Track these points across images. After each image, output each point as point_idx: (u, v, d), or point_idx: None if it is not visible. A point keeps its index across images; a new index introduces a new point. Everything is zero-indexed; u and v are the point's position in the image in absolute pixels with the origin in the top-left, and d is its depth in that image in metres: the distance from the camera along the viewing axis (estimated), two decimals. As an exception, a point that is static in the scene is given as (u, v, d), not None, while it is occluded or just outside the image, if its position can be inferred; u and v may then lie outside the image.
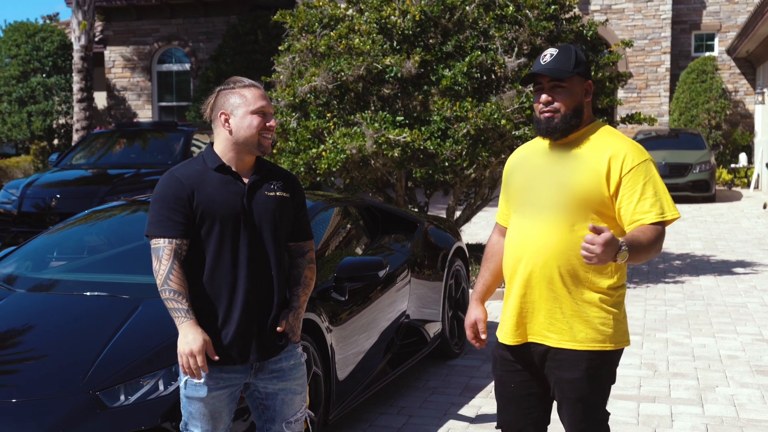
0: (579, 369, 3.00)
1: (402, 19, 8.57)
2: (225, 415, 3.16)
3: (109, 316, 4.15)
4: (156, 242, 3.05)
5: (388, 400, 5.46)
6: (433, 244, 6.38)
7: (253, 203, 3.12)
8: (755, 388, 5.66)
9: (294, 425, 3.27)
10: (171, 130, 12.06)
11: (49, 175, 10.91)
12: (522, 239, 3.07)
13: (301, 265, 3.29)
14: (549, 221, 3.01)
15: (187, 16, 19.46)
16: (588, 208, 2.97)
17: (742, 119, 22.58)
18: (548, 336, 3.05)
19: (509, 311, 3.13)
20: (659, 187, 2.97)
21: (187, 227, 3.05)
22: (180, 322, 3.00)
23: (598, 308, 3.00)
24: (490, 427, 4.96)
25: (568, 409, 3.07)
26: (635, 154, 2.99)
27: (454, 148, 8.19)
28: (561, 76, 3.01)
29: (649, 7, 21.92)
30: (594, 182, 2.97)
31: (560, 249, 2.99)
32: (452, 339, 6.39)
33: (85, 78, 15.71)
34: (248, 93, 3.12)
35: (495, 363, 3.26)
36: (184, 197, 3.05)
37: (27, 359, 3.97)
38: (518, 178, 3.18)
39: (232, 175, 3.13)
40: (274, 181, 3.19)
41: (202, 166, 3.14)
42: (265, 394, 3.22)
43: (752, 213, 16.04)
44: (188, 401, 3.12)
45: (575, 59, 3.03)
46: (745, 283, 9.33)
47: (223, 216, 3.06)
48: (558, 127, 3.03)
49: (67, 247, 5.48)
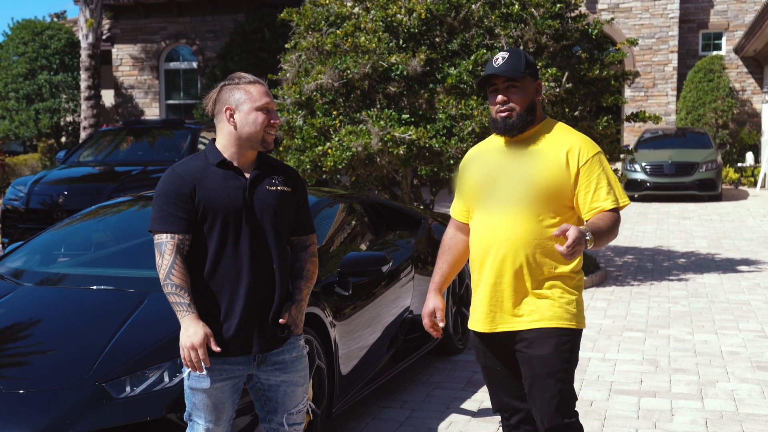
0: (549, 345, 3.19)
1: (408, 18, 8.61)
2: (228, 407, 3.21)
3: (115, 310, 4.21)
4: (159, 237, 3.10)
5: (392, 394, 5.52)
6: (437, 240, 6.42)
7: (254, 198, 3.17)
8: (755, 383, 5.70)
9: (296, 416, 3.33)
10: (178, 127, 12.13)
11: (56, 172, 10.99)
12: (489, 231, 3.25)
13: (304, 258, 3.34)
14: (514, 213, 3.20)
15: (195, 14, 19.54)
16: (551, 198, 3.19)
17: (749, 118, 22.56)
18: (518, 321, 3.23)
19: (479, 300, 3.32)
20: (612, 177, 3.23)
21: (189, 222, 3.10)
22: (182, 316, 3.06)
23: (562, 290, 3.22)
24: (492, 420, 5.01)
25: (539, 387, 3.22)
26: (588, 147, 3.24)
27: (459, 146, 8.24)
28: (515, 75, 3.21)
29: (657, 6, 21.93)
30: (556, 174, 3.19)
31: (527, 239, 3.19)
32: (455, 334, 6.44)
33: (93, 76, 15.79)
34: (253, 89, 3.17)
35: (477, 352, 3.45)
36: (186, 193, 3.10)
37: (34, 352, 4.03)
38: (475, 175, 3.36)
39: (233, 170, 3.18)
40: (275, 176, 3.24)
41: (203, 162, 3.19)
42: (268, 386, 3.27)
43: (758, 212, 16.04)
44: (192, 392, 3.18)
45: (525, 61, 3.25)
46: (749, 280, 9.36)
47: (225, 211, 3.11)
48: (515, 125, 3.24)
49: (74, 242, 5.55)
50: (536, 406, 3.25)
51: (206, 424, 3.19)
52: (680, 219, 15.15)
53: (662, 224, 14.52)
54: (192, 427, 3.23)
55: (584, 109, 9.09)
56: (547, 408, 3.21)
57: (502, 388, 3.41)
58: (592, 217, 3.17)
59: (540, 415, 3.24)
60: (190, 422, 3.24)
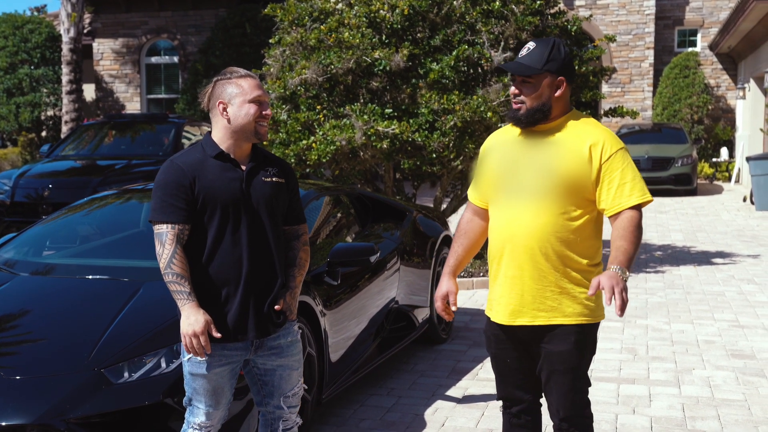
0: (569, 341, 3.21)
1: (391, 14, 8.74)
2: (227, 391, 3.32)
3: (112, 298, 4.32)
4: (159, 227, 3.19)
5: (378, 382, 5.65)
6: (422, 232, 6.57)
7: (251, 189, 3.27)
8: (730, 370, 5.89)
9: (291, 399, 3.44)
10: (162, 122, 12.19)
11: (41, 165, 11.04)
12: (509, 223, 3.24)
13: (296, 247, 3.45)
14: (535, 205, 3.18)
15: (176, 8, 19.55)
16: (572, 191, 3.16)
17: (724, 114, 22.87)
18: (538, 315, 3.23)
19: (499, 292, 3.31)
20: (635, 173, 3.18)
21: (189, 213, 3.19)
22: (182, 304, 3.15)
23: (583, 285, 3.20)
24: (477, 407, 5.16)
25: (557, 381, 3.26)
26: (612, 142, 3.19)
27: (441, 140, 8.38)
28: (525, 73, 3.19)
29: (633, 3, 22.17)
30: (578, 167, 3.16)
31: (548, 231, 3.17)
32: (440, 325, 6.58)
33: (75, 70, 15.78)
34: (245, 83, 3.27)
35: (489, 341, 3.44)
36: (186, 184, 3.19)
37: (33, 339, 4.13)
38: (495, 164, 3.34)
39: (230, 162, 3.28)
40: (269, 168, 3.35)
41: (201, 154, 3.28)
42: (264, 370, 3.38)
43: (732, 206, 16.32)
44: (192, 378, 3.28)
45: (548, 56, 3.18)
46: (724, 272, 9.58)
47: (224, 201, 3.22)
48: (521, 119, 3.22)
49: (67, 234, 5.64)
50: (552, 396, 3.31)
51: (206, 408, 3.29)
52: (656, 213, 15.39)
53: (639, 218, 14.70)
54: (192, 412, 3.32)
55: (564, 104, 9.24)
56: (564, 400, 3.28)
57: (508, 378, 3.43)
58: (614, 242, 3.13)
59: (556, 405, 3.31)
60: (190, 407, 3.33)
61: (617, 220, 3.15)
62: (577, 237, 3.19)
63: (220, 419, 3.36)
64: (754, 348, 6.45)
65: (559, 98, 3.23)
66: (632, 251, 3.09)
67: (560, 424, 3.32)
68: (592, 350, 3.34)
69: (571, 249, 3.19)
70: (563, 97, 3.24)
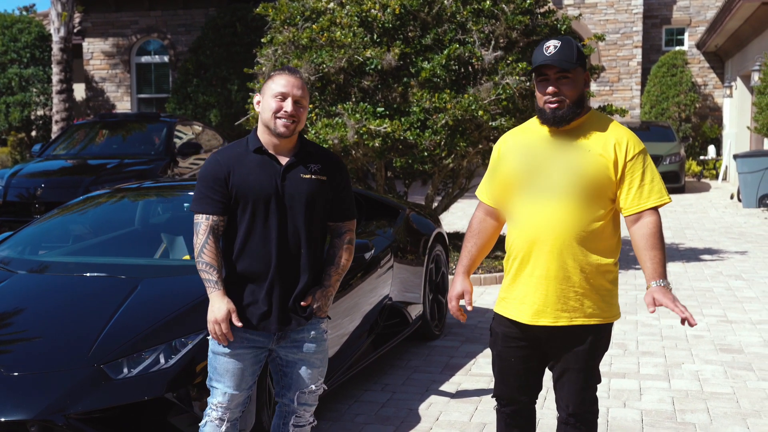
0: (586, 341, 3.25)
1: (382, 13, 8.80)
2: (248, 375, 3.38)
3: (111, 295, 4.37)
4: (197, 218, 3.32)
5: (373, 377, 5.72)
6: (415, 229, 6.63)
7: (286, 184, 3.32)
8: (718, 364, 5.98)
9: (307, 396, 3.48)
10: (153, 121, 12.22)
11: (33, 165, 11.06)
12: (535, 222, 3.22)
13: (338, 245, 3.48)
14: (561, 204, 3.18)
15: (166, 8, 19.55)
16: (597, 190, 3.18)
17: (711, 112, 23.03)
18: (561, 315, 3.23)
19: (523, 290, 3.28)
20: (656, 174, 3.22)
21: (225, 205, 3.30)
22: (210, 291, 3.30)
23: (605, 284, 3.25)
24: (470, 402, 5.23)
25: (570, 378, 3.30)
26: (635, 142, 3.23)
27: (432, 138, 8.45)
28: (569, 67, 3.16)
29: (621, 2, 22.30)
30: (602, 167, 3.18)
31: (575, 231, 3.18)
32: (432, 321, 6.64)
33: (65, 69, 15.78)
34: (279, 78, 3.34)
35: (495, 338, 3.43)
36: (222, 177, 3.30)
37: (32, 336, 4.17)
38: (517, 163, 3.30)
39: (269, 156, 3.34)
40: (312, 164, 3.38)
41: (243, 149, 3.38)
42: (286, 362, 3.45)
43: (720, 203, 16.46)
44: (213, 356, 3.37)
45: (577, 51, 3.19)
46: (712, 269, 9.68)
47: (256, 196, 3.29)
48: (564, 117, 3.19)
49: (62, 233, 5.69)
50: (563, 391, 3.34)
51: (224, 389, 3.35)
52: (645, 210, 15.46)
53: (628, 216, 14.82)
54: (212, 393, 3.40)
55: (554, 102, 9.32)
56: (574, 397, 3.31)
57: (508, 378, 3.42)
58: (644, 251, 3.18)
59: (566, 400, 3.34)
60: (211, 387, 3.41)
61: (639, 226, 3.18)
62: (601, 236, 3.22)
63: (239, 405, 3.40)
64: (742, 342, 6.55)
65: (587, 93, 3.31)
66: (664, 258, 3.18)
67: (567, 419, 3.36)
68: (605, 348, 3.37)
69: (595, 249, 3.21)
70: (587, 92, 3.33)
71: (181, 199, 6.03)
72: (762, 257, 10.46)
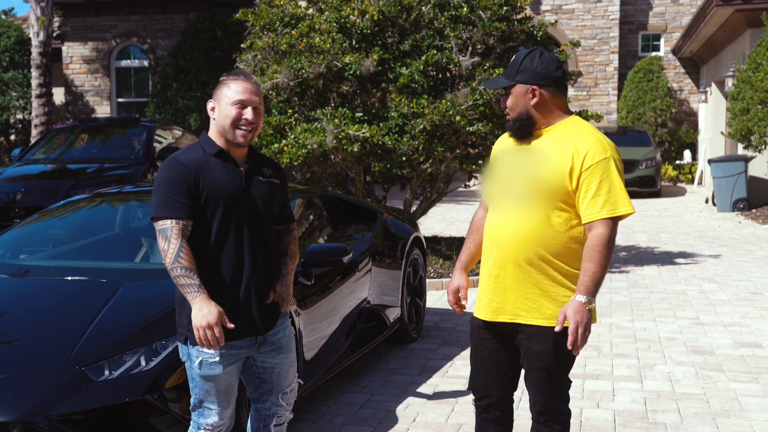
0: (547, 342, 3.32)
1: (361, 19, 8.89)
2: (235, 388, 3.41)
3: (92, 298, 4.42)
4: (163, 223, 3.20)
5: (351, 379, 5.80)
6: (393, 233, 6.72)
7: (251, 187, 3.36)
8: (690, 366, 6.10)
9: (289, 395, 3.55)
10: (133, 125, 12.25)
11: (12, 169, 11.06)
12: (496, 225, 3.39)
13: (288, 240, 3.57)
14: (519, 210, 3.31)
15: (146, 12, 19.55)
16: (555, 199, 3.26)
17: (687, 117, 23.30)
18: (520, 314, 3.35)
19: (483, 289, 3.46)
20: (615, 185, 3.21)
21: (192, 209, 3.23)
22: (193, 297, 3.14)
23: (565, 288, 3.31)
24: (447, 403, 5.32)
25: (534, 377, 3.41)
26: (597, 150, 3.23)
27: (411, 143, 8.55)
28: (495, 86, 3.40)
29: (598, 8, 22.53)
30: (558, 176, 3.24)
31: (531, 236, 3.28)
32: (410, 324, 6.73)
33: (44, 74, 15.77)
34: (235, 85, 3.31)
35: (472, 330, 3.57)
36: (190, 180, 3.23)
37: (14, 339, 4.21)
38: (495, 170, 3.48)
39: (230, 161, 3.35)
40: (265, 168, 3.45)
41: (202, 153, 3.33)
42: (263, 368, 3.46)
43: (695, 207, 16.66)
44: (203, 381, 3.31)
45: (518, 67, 3.31)
46: (686, 272, 9.83)
47: (226, 198, 3.28)
48: (511, 128, 3.37)
49: (43, 237, 5.73)
50: (531, 389, 3.45)
51: (219, 408, 3.35)
52: (622, 215, 15.63)
53: (605, 220, 14.97)
54: (202, 414, 3.37)
55: (530, 108, 9.45)
56: (540, 395, 3.41)
57: (483, 371, 3.53)
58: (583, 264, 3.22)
59: (534, 398, 3.45)
60: (200, 409, 3.37)
61: (589, 236, 3.24)
62: (560, 242, 3.27)
63: (230, 416, 3.42)
64: (713, 344, 6.68)
65: (537, 106, 3.31)
66: (599, 273, 3.17)
67: (537, 417, 3.47)
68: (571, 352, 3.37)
69: (553, 253, 3.28)
70: (544, 104, 3.31)
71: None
72: (735, 261, 10.63)
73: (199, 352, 3.28)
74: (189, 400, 3.92)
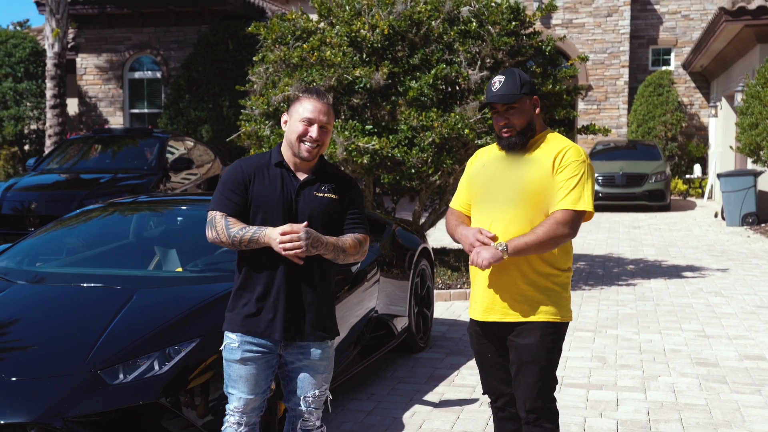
0: (535, 336, 3.55)
1: (371, 33, 9.02)
2: (261, 380, 3.55)
3: (107, 304, 4.54)
4: (211, 214, 3.50)
5: (359, 387, 5.90)
6: (401, 244, 6.82)
7: (300, 199, 3.53)
8: (694, 377, 6.18)
9: (312, 401, 3.62)
10: (146, 136, 12.39)
11: (27, 179, 11.21)
12: (486, 227, 3.56)
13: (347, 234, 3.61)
14: (506, 214, 3.54)
15: (159, 24, 19.75)
16: (539, 201, 3.52)
17: (697, 131, 23.35)
18: (509, 313, 3.58)
19: (476, 292, 3.67)
20: (584, 184, 3.48)
21: (240, 209, 3.49)
22: (261, 233, 3.40)
23: (551, 286, 3.56)
24: (453, 411, 5.41)
25: (525, 372, 3.58)
26: (573, 153, 3.54)
27: (420, 155, 8.66)
28: (512, 100, 3.53)
29: (609, 22, 22.63)
30: (543, 180, 3.51)
31: None
32: (418, 334, 6.83)
33: (59, 85, 15.96)
34: (306, 103, 3.53)
35: (471, 338, 3.80)
36: (242, 183, 3.51)
37: (32, 343, 4.32)
38: (480, 178, 3.67)
39: (288, 171, 3.55)
40: (326, 183, 3.58)
41: (266, 160, 3.59)
42: (291, 368, 3.62)
43: (704, 221, 16.71)
44: (227, 364, 3.56)
45: (520, 81, 3.54)
46: (693, 285, 9.90)
47: (270, 206, 3.49)
48: (517, 143, 3.58)
49: (59, 245, 5.86)
50: (520, 389, 3.61)
51: (240, 394, 3.53)
52: (630, 228, 15.73)
53: (613, 233, 15.08)
54: (229, 399, 3.58)
55: (538, 122, 9.57)
56: (529, 392, 3.58)
57: (490, 373, 3.74)
58: None
59: (523, 397, 3.61)
60: (228, 394, 3.59)
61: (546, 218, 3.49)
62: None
63: (255, 410, 3.57)
64: (717, 356, 6.75)
65: (538, 115, 3.61)
66: (532, 241, 3.41)
67: (528, 417, 3.61)
68: (558, 349, 3.63)
69: (540, 255, 3.53)
70: (539, 114, 3.62)
71: (173, 213, 6.21)
72: (742, 274, 10.69)
73: (227, 337, 3.56)
74: (201, 405, 4.06)
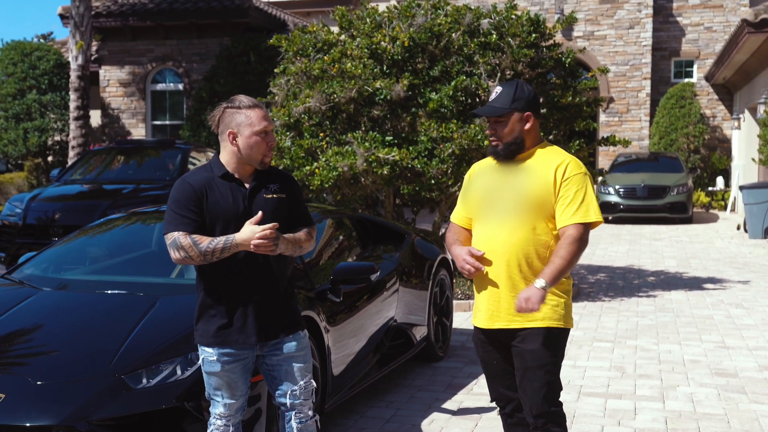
0: (538, 341, 3.63)
1: (392, 45, 9.10)
2: (241, 384, 3.70)
3: (130, 311, 4.62)
4: (170, 236, 3.53)
5: (378, 395, 5.94)
6: (420, 254, 6.87)
7: (253, 205, 3.62)
8: (713, 387, 6.18)
9: (299, 392, 3.73)
10: (168, 147, 12.53)
11: (51, 189, 11.35)
12: (489, 240, 3.68)
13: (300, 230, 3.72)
14: (509, 223, 3.64)
15: (181, 37, 19.94)
16: (541, 211, 3.63)
17: (720, 144, 23.25)
18: (513, 320, 3.66)
19: (481, 300, 3.75)
20: (589, 196, 3.61)
21: (198, 225, 3.55)
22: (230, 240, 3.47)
23: (552, 293, 3.64)
24: (471, 418, 5.45)
25: (530, 378, 3.65)
26: (574, 166, 3.64)
27: (439, 166, 8.72)
28: (497, 113, 3.65)
29: (630, 34, 22.63)
30: (544, 190, 3.61)
31: (522, 246, 3.62)
32: (437, 343, 6.87)
33: (82, 96, 16.14)
34: (253, 114, 3.60)
35: (477, 346, 3.87)
36: (196, 199, 3.56)
37: (58, 348, 4.41)
38: (478, 190, 3.78)
39: (235, 181, 3.64)
40: (271, 184, 3.69)
41: (209, 174, 3.65)
42: (271, 366, 3.73)
43: (726, 234, 16.64)
44: (207, 376, 3.69)
45: (514, 96, 3.66)
46: (714, 297, 9.87)
47: (228, 217, 3.58)
48: (500, 153, 3.70)
49: (83, 253, 5.95)
50: (526, 394, 3.68)
51: (223, 400, 3.69)
52: (652, 240, 15.69)
53: (634, 245, 15.05)
54: (213, 404, 3.73)
55: (558, 133, 9.61)
56: (536, 397, 3.64)
57: (497, 379, 3.84)
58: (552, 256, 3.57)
59: (529, 403, 3.67)
60: (211, 400, 3.73)
61: (561, 237, 3.59)
62: (547, 251, 3.62)
63: (238, 409, 3.72)
64: (737, 367, 6.74)
65: (529, 131, 3.68)
66: (562, 266, 3.51)
67: (536, 422, 3.66)
68: (560, 354, 3.72)
69: (541, 261, 3.62)
70: (533, 129, 3.70)
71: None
72: (764, 286, 10.65)
73: (202, 351, 3.66)
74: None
